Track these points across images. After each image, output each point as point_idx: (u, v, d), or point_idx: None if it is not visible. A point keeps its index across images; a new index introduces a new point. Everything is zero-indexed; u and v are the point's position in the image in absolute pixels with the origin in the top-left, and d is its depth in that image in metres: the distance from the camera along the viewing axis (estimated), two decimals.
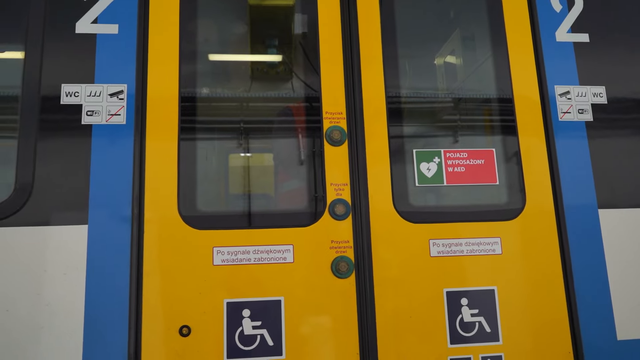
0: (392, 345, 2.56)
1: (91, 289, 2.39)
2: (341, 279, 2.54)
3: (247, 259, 2.49)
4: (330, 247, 2.56)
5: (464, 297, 2.66)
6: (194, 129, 2.67)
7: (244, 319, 2.44)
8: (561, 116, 2.97)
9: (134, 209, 2.47)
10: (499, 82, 3.02)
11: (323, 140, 2.67)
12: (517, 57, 3.01)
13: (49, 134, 2.53)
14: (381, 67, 2.83)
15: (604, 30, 3.13)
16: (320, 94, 2.71)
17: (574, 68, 3.05)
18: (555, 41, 3.05)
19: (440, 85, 3.27)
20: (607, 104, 3.01)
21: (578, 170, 2.92)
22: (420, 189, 2.81)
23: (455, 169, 2.83)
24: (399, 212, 2.71)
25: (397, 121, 2.90)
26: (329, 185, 2.63)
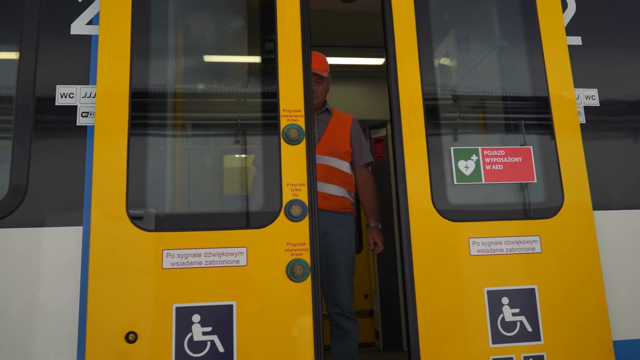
0: (435, 344, 2.50)
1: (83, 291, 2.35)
2: (296, 282, 2.38)
3: (198, 262, 2.32)
4: (285, 250, 2.40)
5: (505, 297, 2.59)
6: (146, 126, 2.50)
7: (193, 324, 2.28)
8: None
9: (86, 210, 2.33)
10: (534, 80, 2.98)
11: (280, 139, 2.49)
12: (552, 56, 2.97)
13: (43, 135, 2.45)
14: (417, 65, 2.80)
15: (597, 32, 3.10)
16: (277, 91, 2.53)
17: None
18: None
19: (476, 84, 3.18)
20: (600, 107, 2.98)
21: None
22: (458, 187, 2.75)
23: (493, 167, 2.76)
24: (438, 211, 2.64)
25: (434, 118, 2.85)
26: (285, 185, 2.46)
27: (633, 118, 3.03)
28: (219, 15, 2.65)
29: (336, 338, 3.29)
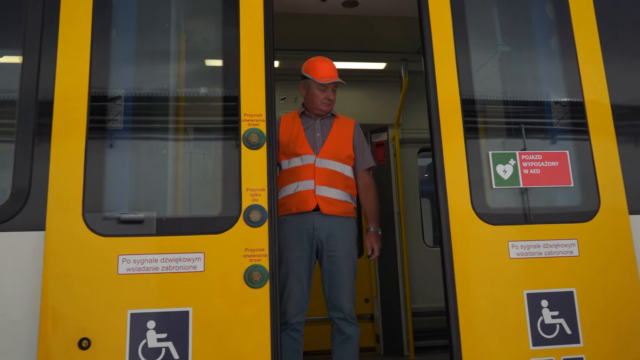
0: (476, 346, 2.52)
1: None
2: (254, 288, 2.31)
3: (154, 268, 2.28)
4: (244, 256, 2.34)
5: (544, 299, 2.61)
6: (104, 130, 2.46)
7: (148, 331, 2.23)
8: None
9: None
10: (569, 85, 3.01)
11: (240, 143, 2.43)
12: (586, 61, 3.01)
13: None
14: (455, 70, 2.83)
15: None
16: (239, 95, 2.47)
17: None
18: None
19: (511, 88, 3.15)
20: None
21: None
22: (497, 191, 2.76)
23: (531, 171, 2.78)
24: (477, 214, 2.66)
25: (472, 123, 2.86)
26: (244, 190, 2.40)
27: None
28: (182, 19, 2.60)
29: (337, 342, 3.25)
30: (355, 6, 5.30)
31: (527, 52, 3.24)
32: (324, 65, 3.30)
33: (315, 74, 3.27)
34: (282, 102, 6.10)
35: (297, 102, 6.15)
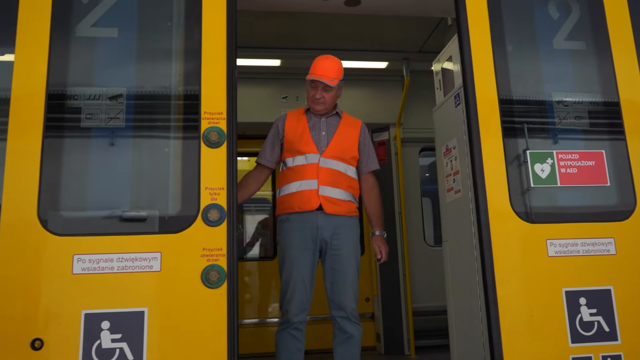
0: (517, 343, 2.52)
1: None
2: (211, 288, 2.24)
3: (110, 268, 2.23)
4: (201, 255, 2.27)
5: (582, 297, 2.62)
6: (62, 128, 2.41)
7: (102, 331, 2.18)
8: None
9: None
10: (604, 85, 3.02)
11: (200, 142, 2.36)
12: (621, 61, 3.02)
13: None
14: (493, 70, 2.84)
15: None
16: (199, 93, 2.40)
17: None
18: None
19: (548, 88, 3.14)
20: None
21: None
22: (535, 190, 2.77)
23: (568, 170, 2.79)
24: (516, 213, 2.68)
25: (510, 123, 2.87)
26: (203, 189, 2.33)
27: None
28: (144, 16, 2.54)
29: (339, 342, 3.17)
30: (358, 5, 5.20)
31: (563, 52, 3.20)
32: (319, 63, 3.18)
33: (310, 70, 3.20)
34: (283, 100, 6.04)
35: (299, 101, 6.08)
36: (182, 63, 2.47)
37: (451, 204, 4.07)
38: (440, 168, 4.35)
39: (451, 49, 4.31)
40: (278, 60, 5.86)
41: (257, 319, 6.04)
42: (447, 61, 4.41)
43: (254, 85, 5.98)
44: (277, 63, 5.90)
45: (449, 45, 4.34)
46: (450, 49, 4.34)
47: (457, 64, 4.15)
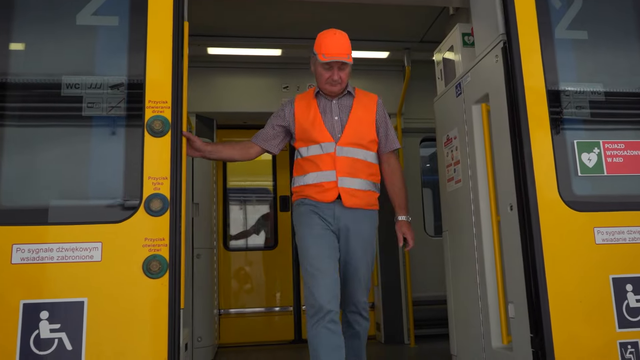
0: (566, 328, 2.55)
1: None
2: (153, 279, 2.15)
3: (49, 257, 2.16)
4: (143, 245, 2.18)
5: (629, 283, 2.63)
6: (2, 117, 2.34)
7: (41, 321, 2.11)
8: None
9: None
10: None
11: (143, 131, 2.26)
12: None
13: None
14: (540, 60, 2.84)
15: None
16: (144, 81, 2.30)
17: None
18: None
19: (595, 78, 3.10)
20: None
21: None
22: (582, 179, 2.78)
23: (614, 160, 2.80)
24: (564, 201, 2.69)
25: (557, 113, 2.87)
26: (146, 178, 2.24)
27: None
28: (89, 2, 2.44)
29: (347, 336, 2.92)
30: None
31: (609, 42, 3.15)
32: (330, 42, 2.79)
33: (320, 50, 2.79)
34: (284, 90, 5.93)
35: (299, 91, 5.97)
36: (127, 50, 2.37)
37: (451, 193, 3.93)
38: (441, 158, 4.21)
39: (452, 38, 4.14)
40: (279, 50, 5.74)
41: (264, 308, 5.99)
42: (448, 51, 4.24)
43: (254, 75, 5.89)
44: (278, 53, 5.79)
45: (451, 34, 4.17)
46: (451, 39, 4.17)
47: (459, 54, 3.99)
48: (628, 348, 2.57)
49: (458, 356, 3.81)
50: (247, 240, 6.27)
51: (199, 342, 4.61)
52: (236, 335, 5.78)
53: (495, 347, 3.22)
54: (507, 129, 3.00)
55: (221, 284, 5.81)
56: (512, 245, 2.95)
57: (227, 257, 6.03)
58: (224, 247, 6.03)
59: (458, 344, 3.83)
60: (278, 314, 5.98)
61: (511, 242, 2.97)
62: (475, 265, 3.47)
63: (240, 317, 5.90)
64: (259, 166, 6.60)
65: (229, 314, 5.85)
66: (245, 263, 6.09)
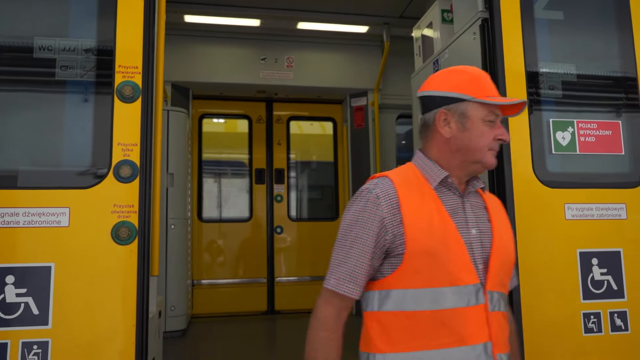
0: (533, 299, 2.63)
1: None
2: (121, 245, 2.13)
3: (15, 222, 2.12)
4: (112, 212, 2.15)
5: (595, 257, 2.71)
6: None
7: (7, 285, 2.08)
8: None
9: None
10: (624, 60, 3.06)
11: (113, 96, 2.22)
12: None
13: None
14: (521, 42, 2.88)
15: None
16: (114, 45, 2.24)
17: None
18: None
19: (571, 62, 3.15)
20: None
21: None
22: (555, 156, 2.84)
23: (587, 139, 2.86)
24: (538, 178, 2.74)
25: (535, 94, 2.92)
26: (115, 145, 2.20)
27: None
28: None
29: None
30: None
31: (587, 27, 3.20)
32: (485, 80, 1.57)
33: (472, 89, 1.52)
34: (262, 62, 5.85)
35: (277, 64, 5.91)
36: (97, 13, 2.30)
37: None
38: (416, 134, 4.23)
39: (432, 15, 4.12)
40: (257, 20, 5.65)
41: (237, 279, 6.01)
42: (427, 27, 4.23)
43: (232, 45, 5.80)
44: (257, 23, 5.70)
45: (430, 11, 4.15)
46: (430, 15, 4.15)
47: (438, 31, 3.98)
48: (591, 318, 2.67)
49: None
50: (222, 212, 6.25)
51: (172, 311, 4.62)
52: (209, 305, 5.81)
53: None
54: None
55: (194, 255, 5.80)
56: None
57: (201, 228, 6.01)
58: (198, 219, 6.00)
59: None
60: (251, 285, 6.02)
61: None
62: None
63: (213, 288, 5.92)
64: (235, 139, 6.55)
65: (202, 285, 5.87)
66: (219, 234, 6.08)
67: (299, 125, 6.64)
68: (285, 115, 6.48)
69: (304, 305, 5.99)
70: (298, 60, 5.93)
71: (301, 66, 5.90)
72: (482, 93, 1.52)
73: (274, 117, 6.44)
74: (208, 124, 6.36)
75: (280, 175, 6.32)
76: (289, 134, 6.46)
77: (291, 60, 5.91)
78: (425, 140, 1.58)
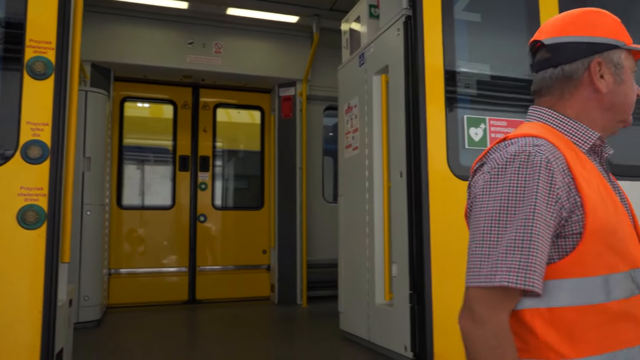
0: (443, 285, 2.78)
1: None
2: (28, 229, 2.03)
3: None
4: (18, 194, 2.04)
5: None
6: None
7: None
8: None
9: None
10: (525, 63, 3.11)
11: (23, 72, 2.09)
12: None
13: None
14: (440, 38, 3.00)
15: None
16: (25, 19, 2.11)
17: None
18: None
19: (486, 63, 3.34)
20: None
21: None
22: (468, 151, 2.96)
23: (497, 135, 3.00)
24: (452, 171, 2.88)
25: (452, 92, 3.04)
26: (24, 123, 2.08)
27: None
28: None
29: None
30: None
31: (501, 30, 3.38)
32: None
33: (626, 37, 1.28)
34: (189, 46, 5.69)
35: (205, 49, 5.77)
36: None
37: (349, 160, 4.04)
38: (341, 125, 4.30)
39: (359, 9, 4.19)
40: (185, 3, 5.49)
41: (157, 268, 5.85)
42: (354, 21, 4.29)
43: (159, 27, 5.60)
44: (185, 6, 5.54)
45: (358, 5, 4.21)
46: (358, 9, 4.22)
47: (365, 25, 4.05)
48: None
49: (345, 313, 4.01)
50: (143, 199, 6.06)
51: (86, 301, 4.44)
52: (128, 295, 5.63)
53: (379, 303, 3.43)
54: (403, 100, 3.15)
55: (113, 243, 5.59)
56: (400, 209, 3.13)
57: (121, 215, 5.80)
58: (117, 206, 5.78)
59: (346, 302, 4.02)
60: (172, 275, 5.90)
61: (399, 206, 3.15)
62: (366, 228, 3.64)
63: (133, 277, 5.74)
64: (159, 124, 6.36)
65: (120, 274, 5.67)
66: (140, 222, 5.90)
67: (227, 113, 6.55)
68: (212, 102, 6.37)
69: (227, 294, 5.98)
70: (227, 47, 5.83)
71: (230, 53, 5.82)
72: (629, 39, 1.27)
73: (200, 103, 6.30)
74: (131, 108, 6.13)
75: (206, 163, 6.21)
76: (216, 121, 6.36)
77: (219, 46, 5.81)
78: (559, 96, 1.27)
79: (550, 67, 1.27)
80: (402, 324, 3.00)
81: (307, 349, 3.74)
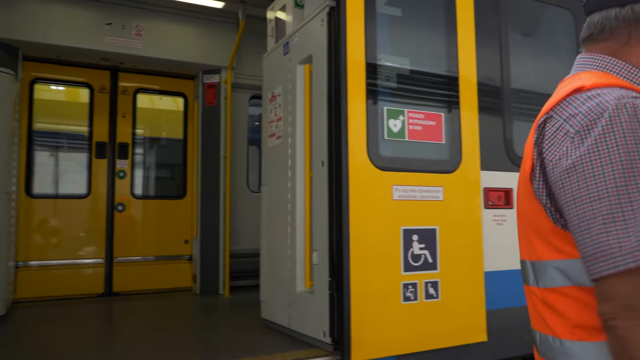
0: (362, 272, 2.87)
1: None
2: None
3: None
4: None
5: (415, 234, 2.97)
6: None
7: None
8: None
9: None
10: (450, 61, 3.38)
11: None
12: (463, 44, 3.47)
13: None
14: (363, 36, 3.08)
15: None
16: None
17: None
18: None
19: (407, 57, 3.40)
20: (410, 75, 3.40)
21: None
22: (387, 142, 3.04)
23: (415, 127, 3.10)
24: (371, 161, 2.95)
25: (373, 85, 3.09)
26: None
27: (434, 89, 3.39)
28: None
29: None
30: None
31: (421, 26, 3.49)
32: None
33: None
34: (107, 27, 5.42)
35: (125, 31, 5.51)
36: None
37: (272, 149, 4.02)
38: (265, 114, 4.26)
39: (387, 22, 4.14)
40: None
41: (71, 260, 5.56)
42: (280, 10, 4.26)
43: (74, 5, 5.28)
44: None
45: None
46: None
47: (290, 14, 4.02)
48: (409, 288, 2.98)
49: (266, 301, 4.02)
50: (57, 188, 5.73)
51: None
52: (38, 289, 5.31)
53: (299, 291, 3.46)
54: (326, 90, 3.18)
55: (21, 234, 5.24)
56: (321, 198, 3.17)
57: (31, 204, 5.45)
58: (26, 194, 5.43)
59: (267, 290, 4.03)
60: (87, 267, 5.63)
61: (320, 195, 3.19)
62: (288, 217, 3.65)
63: (44, 270, 5.43)
64: (73, 109, 6.02)
65: (30, 267, 5.34)
66: (52, 212, 5.58)
67: (148, 99, 6.32)
68: (132, 87, 6.12)
69: (147, 286, 5.80)
70: (148, 30, 5.62)
71: (151, 36, 5.61)
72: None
73: (119, 87, 6.04)
74: (42, 91, 5.75)
75: (124, 150, 5.97)
76: (136, 107, 6.12)
77: (140, 28, 5.58)
78: (625, 42, 1.09)
79: (616, 6, 1.07)
80: (322, 310, 3.05)
81: (228, 339, 3.72)
